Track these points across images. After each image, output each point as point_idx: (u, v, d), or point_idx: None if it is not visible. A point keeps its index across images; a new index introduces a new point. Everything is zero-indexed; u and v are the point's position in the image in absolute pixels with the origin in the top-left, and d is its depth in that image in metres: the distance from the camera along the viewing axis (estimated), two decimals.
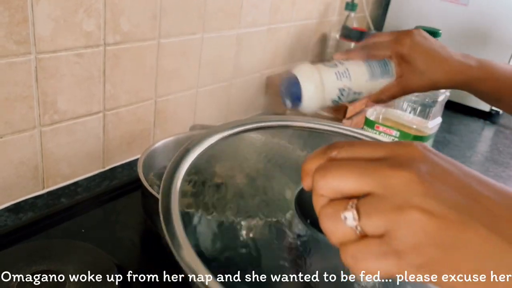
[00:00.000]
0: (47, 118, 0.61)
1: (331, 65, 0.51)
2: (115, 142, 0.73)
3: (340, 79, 0.50)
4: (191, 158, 0.41)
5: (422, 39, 0.54)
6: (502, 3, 1.14)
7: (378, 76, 0.52)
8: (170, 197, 0.35)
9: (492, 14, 1.15)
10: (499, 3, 1.14)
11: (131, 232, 0.60)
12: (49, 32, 0.57)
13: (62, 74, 0.60)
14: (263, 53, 0.98)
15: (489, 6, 1.15)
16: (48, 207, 0.62)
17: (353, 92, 0.51)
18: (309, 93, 0.49)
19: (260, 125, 0.49)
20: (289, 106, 0.51)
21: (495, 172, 0.93)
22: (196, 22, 0.77)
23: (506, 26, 1.14)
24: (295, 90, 0.50)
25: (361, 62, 0.52)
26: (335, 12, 1.17)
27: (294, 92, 0.50)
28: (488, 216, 0.22)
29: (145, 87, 0.74)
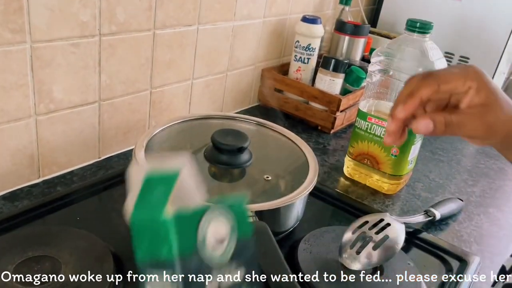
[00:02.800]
0: (42, 107, 0.62)
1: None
2: (111, 132, 0.74)
3: None
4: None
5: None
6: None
7: None
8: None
9: (485, 9, 1.16)
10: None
11: (126, 220, 0.61)
12: (44, 21, 0.57)
13: (58, 64, 0.61)
14: (258, 45, 0.98)
15: (483, 1, 1.16)
16: (44, 195, 0.63)
17: None
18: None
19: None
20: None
21: (486, 165, 0.94)
22: (192, 14, 0.78)
23: (499, 21, 1.15)
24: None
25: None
26: (330, 6, 1.18)
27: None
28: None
29: (140, 78, 0.74)
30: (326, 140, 0.94)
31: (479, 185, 0.85)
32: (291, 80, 1.00)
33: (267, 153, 0.70)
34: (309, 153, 0.65)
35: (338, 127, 0.97)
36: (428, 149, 0.97)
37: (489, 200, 0.81)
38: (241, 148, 0.60)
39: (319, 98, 0.96)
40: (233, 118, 0.74)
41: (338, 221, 0.68)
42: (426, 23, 0.69)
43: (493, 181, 0.88)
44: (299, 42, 0.99)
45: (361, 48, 1.07)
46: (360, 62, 1.07)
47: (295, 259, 0.55)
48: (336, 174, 0.81)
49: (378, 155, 0.75)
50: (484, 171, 0.91)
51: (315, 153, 0.67)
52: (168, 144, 0.66)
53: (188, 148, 0.67)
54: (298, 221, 0.62)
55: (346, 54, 1.07)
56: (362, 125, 0.75)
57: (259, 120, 0.74)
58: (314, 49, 0.99)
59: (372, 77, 0.75)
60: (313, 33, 0.98)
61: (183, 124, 0.69)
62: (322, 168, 0.82)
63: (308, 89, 0.98)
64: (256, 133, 0.72)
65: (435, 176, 0.87)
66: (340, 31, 1.05)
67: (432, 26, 0.69)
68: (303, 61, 1.00)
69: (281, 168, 0.66)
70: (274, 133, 0.72)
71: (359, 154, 0.77)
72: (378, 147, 0.75)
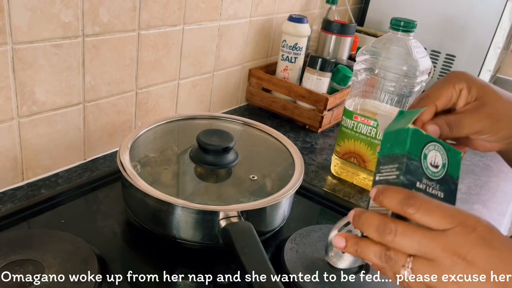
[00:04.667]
0: (25, 109, 0.61)
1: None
2: (96, 134, 0.73)
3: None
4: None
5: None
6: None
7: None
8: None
9: (470, 7, 1.17)
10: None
11: (112, 222, 0.60)
12: (25, 22, 0.57)
13: (40, 65, 0.60)
14: (245, 45, 0.98)
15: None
16: (28, 198, 0.62)
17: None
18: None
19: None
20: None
21: (472, 161, 0.95)
22: (177, 14, 0.78)
23: (484, 19, 1.16)
24: None
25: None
26: (317, 5, 1.18)
27: None
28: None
29: (125, 79, 0.74)
30: (314, 139, 0.94)
31: (465, 182, 0.86)
32: (279, 80, 1.00)
33: (253, 152, 0.70)
34: (295, 152, 0.65)
35: (325, 126, 0.97)
36: None
37: (475, 197, 0.82)
38: (226, 148, 0.60)
39: (306, 97, 0.96)
40: (220, 118, 0.74)
41: (325, 220, 0.68)
42: (410, 21, 0.69)
43: (478, 178, 0.89)
44: (286, 42, 0.99)
45: (348, 47, 1.08)
46: (347, 61, 1.07)
47: (281, 259, 0.55)
48: (324, 173, 0.81)
49: (365, 154, 0.75)
50: (470, 168, 0.92)
51: (303, 152, 0.67)
52: (153, 145, 0.65)
53: (174, 148, 0.67)
54: (285, 220, 0.63)
55: (333, 53, 1.07)
56: (349, 123, 0.75)
57: (245, 120, 0.74)
58: (301, 48, 1.00)
59: (357, 75, 0.75)
60: (299, 33, 0.98)
61: (169, 124, 0.69)
62: (310, 167, 0.82)
63: (295, 88, 0.98)
64: (243, 133, 0.72)
65: None
66: (326, 30, 1.06)
67: (416, 24, 0.70)
68: (290, 61, 1.00)
69: (267, 167, 0.66)
70: (260, 133, 0.72)
71: (346, 152, 0.77)
72: (364, 146, 0.75)
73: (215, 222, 0.52)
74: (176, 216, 0.53)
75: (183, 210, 0.52)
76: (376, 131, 0.73)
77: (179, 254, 0.56)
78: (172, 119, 0.70)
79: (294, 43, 0.99)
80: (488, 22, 1.16)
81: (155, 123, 0.67)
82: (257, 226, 0.51)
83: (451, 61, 1.23)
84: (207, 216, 0.52)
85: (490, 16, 1.16)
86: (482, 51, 1.19)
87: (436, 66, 1.25)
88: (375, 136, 0.73)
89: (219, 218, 0.51)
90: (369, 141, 0.74)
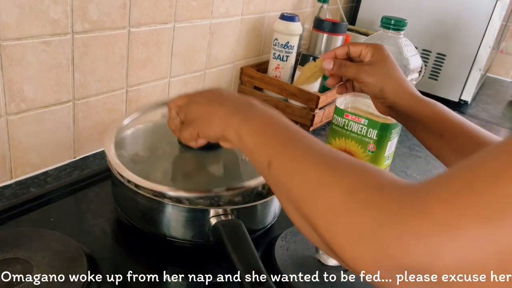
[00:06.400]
0: (13, 107, 0.60)
1: None
2: (86, 132, 0.72)
3: None
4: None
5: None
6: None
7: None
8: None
9: (460, 7, 1.18)
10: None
11: (101, 221, 0.60)
12: (14, 19, 0.56)
13: (29, 62, 0.60)
14: (236, 43, 0.98)
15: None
16: (17, 196, 0.62)
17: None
18: None
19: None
20: None
21: None
22: (168, 11, 0.77)
23: (474, 19, 1.17)
24: None
25: None
26: (309, 4, 1.18)
27: None
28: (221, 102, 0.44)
29: (116, 76, 0.73)
30: None
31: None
32: (270, 78, 1.00)
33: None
34: None
35: (317, 124, 0.98)
36: (406, 145, 0.98)
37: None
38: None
39: (298, 95, 0.96)
40: None
41: None
42: (400, 20, 0.69)
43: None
44: (277, 40, 0.99)
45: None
46: None
47: (272, 256, 0.55)
48: None
49: (356, 152, 0.75)
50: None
51: None
52: (140, 134, 0.64)
53: (162, 136, 0.65)
54: (276, 218, 0.62)
55: (325, 52, 1.07)
56: (339, 122, 0.75)
57: None
58: (293, 46, 1.00)
59: None
60: (291, 31, 0.98)
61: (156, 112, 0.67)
62: None
63: (287, 87, 0.98)
64: None
65: (413, 171, 0.88)
66: (318, 29, 1.06)
67: (406, 23, 0.70)
68: (282, 59, 1.00)
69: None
70: None
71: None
72: (355, 144, 0.75)
73: (205, 220, 0.51)
74: (166, 214, 0.53)
75: (173, 208, 0.52)
76: (367, 129, 0.73)
77: (170, 252, 0.55)
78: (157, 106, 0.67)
79: (286, 41, 0.98)
80: (478, 22, 1.17)
81: (143, 122, 0.66)
82: (247, 223, 0.51)
83: (442, 60, 1.24)
84: (198, 214, 0.52)
85: (481, 16, 1.17)
86: (473, 51, 1.20)
87: (427, 65, 1.25)
88: (366, 134, 0.73)
89: (209, 216, 0.51)
90: (360, 139, 0.74)
